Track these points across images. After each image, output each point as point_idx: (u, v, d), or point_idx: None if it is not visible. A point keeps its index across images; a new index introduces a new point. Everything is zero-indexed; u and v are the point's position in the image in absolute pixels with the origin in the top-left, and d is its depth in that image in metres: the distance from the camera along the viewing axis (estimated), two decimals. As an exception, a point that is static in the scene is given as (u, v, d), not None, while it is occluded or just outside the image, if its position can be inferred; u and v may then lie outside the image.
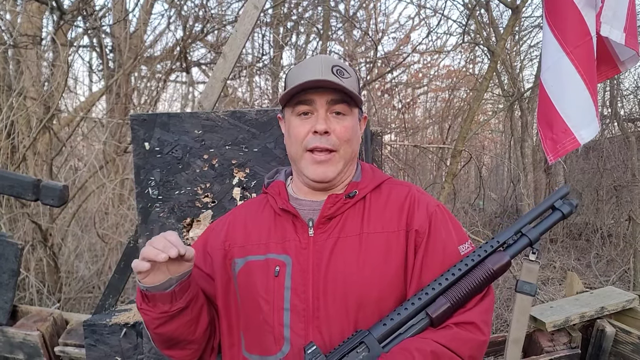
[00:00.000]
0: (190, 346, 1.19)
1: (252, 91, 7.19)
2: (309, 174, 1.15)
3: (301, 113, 1.15)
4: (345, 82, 1.12)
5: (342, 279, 1.09)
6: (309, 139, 1.13)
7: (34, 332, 2.20)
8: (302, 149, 1.14)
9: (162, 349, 1.20)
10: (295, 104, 1.15)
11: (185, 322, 1.12)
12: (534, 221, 1.19)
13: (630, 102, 8.26)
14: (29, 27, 4.97)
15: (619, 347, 2.17)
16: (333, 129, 1.13)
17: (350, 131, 1.15)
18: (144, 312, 1.09)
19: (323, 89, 1.12)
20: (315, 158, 1.13)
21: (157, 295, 1.06)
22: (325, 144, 1.12)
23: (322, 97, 1.12)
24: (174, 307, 1.07)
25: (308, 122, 1.14)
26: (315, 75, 1.10)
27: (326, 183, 1.16)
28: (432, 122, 9.92)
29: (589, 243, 7.46)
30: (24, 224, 4.57)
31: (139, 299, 1.09)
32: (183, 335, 1.14)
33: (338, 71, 1.13)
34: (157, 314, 1.08)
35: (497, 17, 7.58)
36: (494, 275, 1.10)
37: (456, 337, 1.04)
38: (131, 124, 1.72)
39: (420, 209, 1.15)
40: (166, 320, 1.09)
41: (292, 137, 1.17)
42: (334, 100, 1.13)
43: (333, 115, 1.14)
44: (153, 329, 1.11)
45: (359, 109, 1.21)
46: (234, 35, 2.04)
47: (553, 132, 2.08)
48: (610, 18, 2.02)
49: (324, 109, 1.13)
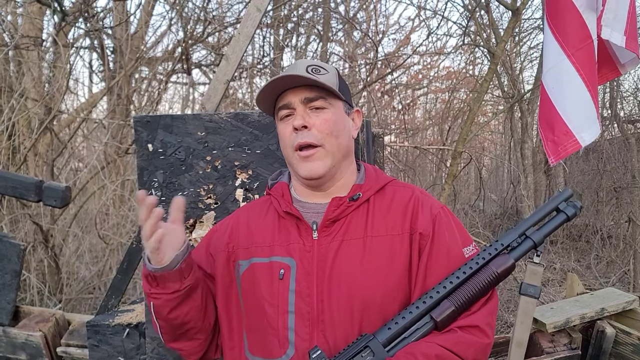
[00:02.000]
0: (199, 335, 1.19)
1: (252, 92, 7.19)
2: (301, 172, 1.15)
3: (284, 117, 1.17)
4: (321, 77, 1.13)
5: (346, 282, 1.09)
6: (292, 138, 1.15)
7: (36, 333, 2.21)
8: (292, 150, 1.16)
9: (169, 340, 1.19)
10: (277, 110, 1.18)
11: (196, 305, 1.13)
12: (537, 223, 1.19)
13: (630, 103, 8.28)
14: (30, 28, 4.98)
15: (619, 348, 2.18)
16: (313, 124, 1.13)
17: (332, 124, 1.15)
18: (155, 297, 1.09)
19: (298, 88, 1.14)
20: (301, 154, 1.14)
21: (166, 275, 1.06)
22: (307, 138, 1.13)
23: (297, 95, 1.14)
24: (184, 285, 1.08)
25: (290, 122, 1.15)
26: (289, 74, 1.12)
27: (317, 179, 1.16)
28: (432, 124, 9.92)
29: (589, 244, 7.47)
30: (25, 224, 4.58)
31: (147, 287, 1.09)
32: (193, 320, 1.15)
33: (313, 69, 1.14)
34: (169, 295, 1.08)
35: (497, 18, 7.60)
36: (499, 278, 1.10)
37: (461, 341, 1.04)
38: (134, 125, 1.73)
39: (424, 211, 1.15)
40: (178, 302, 1.09)
41: (281, 141, 1.19)
42: (308, 98, 1.14)
43: (312, 110, 1.15)
44: (166, 313, 1.11)
45: (344, 102, 1.21)
46: (236, 38, 2.05)
47: (554, 134, 2.09)
48: (611, 21, 2.03)
49: (301, 107, 1.14)
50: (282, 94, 1.17)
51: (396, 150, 8.23)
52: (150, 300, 1.11)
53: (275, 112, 1.21)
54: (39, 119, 4.63)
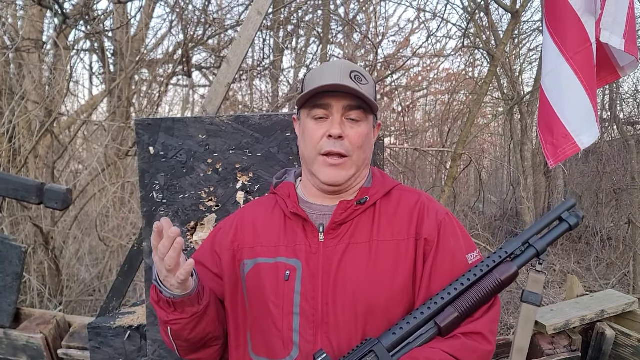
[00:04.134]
0: (217, 341, 1.20)
1: (252, 95, 7.20)
2: (322, 177, 1.15)
3: (317, 117, 1.15)
4: (363, 88, 1.13)
5: (351, 286, 1.10)
6: (323, 143, 1.14)
7: (37, 335, 2.21)
8: (316, 152, 1.15)
9: (188, 354, 1.19)
10: (312, 107, 1.16)
11: (212, 319, 1.14)
12: (540, 232, 1.20)
13: (630, 105, 8.29)
14: (31, 31, 4.99)
15: (619, 349, 2.18)
16: (347, 135, 1.13)
17: (364, 138, 1.16)
18: (175, 323, 1.08)
19: (340, 94, 1.13)
20: (328, 161, 1.14)
21: (185, 300, 1.06)
22: (339, 148, 1.13)
23: (339, 102, 1.13)
24: (202, 305, 1.09)
25: (323, 125, 1.14)
26: (334, 79, 1.11)
27: (337, 187, 1.17)
28: (431, 126, 9.93)
29: (589, 246, 7.48)
30: (26, 227, 4.58)
31: (163, 314, 1.08)
32: (211, 332, 1.16)
33: (356, 77, 1.14)
34: (189, 318, 1.08)
35: (497, 20, 7.60)
36: (502, 285, 1.11)
37: (464, 347, 1.05)
38: (136, 128, 1.74)
39: (430, 217, 1.16)
40: (197, 322, 1.10)
41: (306, 140, 1.17)
42: (350, 106, 1.14)
43: (348, 120, 1.14)
44: (186, 336, 1.11)
45: (374, 116, 1.21)
46: (237, 41, 2.06)
47: (553, 137, 2.10)
48: (610, 24, 2.04)
49: (339, 113, 1.14)
50: (324, 94, 1.14)
51: (396, 152, 8.22)
52: (167, 327, 1.10)
53: (305, 105, 1.18)
54: (39, 122, 4.64)
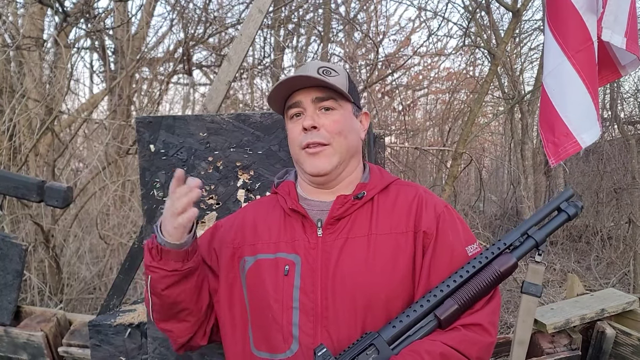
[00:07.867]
0: (189, 318, 1.20)
1: (253, 93, 7.21)
2: (307, 168, 1.17)
3: (293, 115, 1.19)
4: (331, 79, 1.15)
5: (350, 280, 1.10)
6: (301, 138, 1.17)
7: (37, 333, 2.21)
8: (299, 148, 1.18)
9: (160, 320, 1.20)
10: (287, 109, 1.21)
11: (191, 287, 1.15)
12: (539, 223, 1.20)
13: (630, 104, 8.28)
14: (31, 29, 4.99)
15: (619, 348, 2.18)
16: (322, 124, 1.16)
17: (341, 124, 1.17)
18: (154, 270, 1.10)
19: (307, 88, 1.16)
20: (308, 151, 1.16)
21: (172, 252, 1.07)
22: (316, 138, 1.15)
23: (307, 95, 1.16)
24: (185, 266, 1.10)
25: (299, 122, 1.18)
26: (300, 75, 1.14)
27: (324, 176, 1.18)
28: (432, 125, 9.93)
29: (589, 245, 7.47)
30: (26, 225, 4.59)
31: (148, 259, 1.10)
32: (185, 301, 1.16)
33: (324, 71, 1.17)
34: (167, 272, 1.09)
35: (498, 19, 7.60)
36: (501, 277, 1.11)
37: (464, 339, 1.05)
38: (137, 126, 1.73)
39: (428, 210, 1.17)
40: (175, 280, 1.11)
41: (290, 140, 1.22)
42: (319, 97, 1.16)
43: (322, 111, 1.17)
44: (160, 290, 1.12)
45: (353, 105, 1.23)
46: (238, 39, 2.06)
47: (555, 136, 2.10)
48: (612, 23, 2.03)
49: (311, 107, 1.17)
50: (293, 94, 1.19)
51: (396, 151, 8.22)
52: (148, 274, 1.12)
53: (284, 111, 1.23)
54: (40, 120, 4.64)
